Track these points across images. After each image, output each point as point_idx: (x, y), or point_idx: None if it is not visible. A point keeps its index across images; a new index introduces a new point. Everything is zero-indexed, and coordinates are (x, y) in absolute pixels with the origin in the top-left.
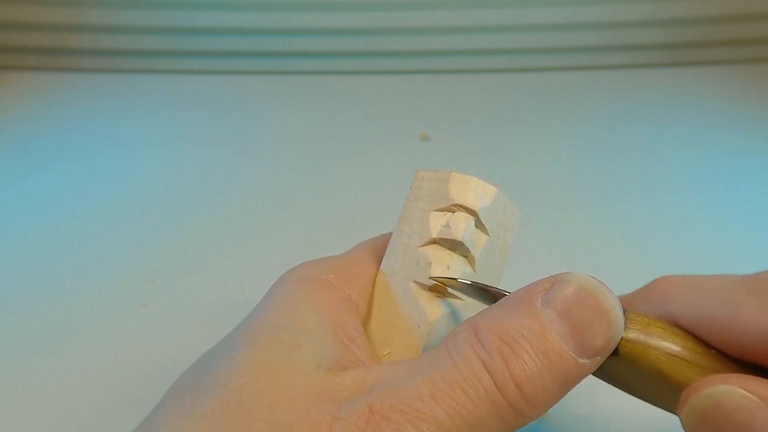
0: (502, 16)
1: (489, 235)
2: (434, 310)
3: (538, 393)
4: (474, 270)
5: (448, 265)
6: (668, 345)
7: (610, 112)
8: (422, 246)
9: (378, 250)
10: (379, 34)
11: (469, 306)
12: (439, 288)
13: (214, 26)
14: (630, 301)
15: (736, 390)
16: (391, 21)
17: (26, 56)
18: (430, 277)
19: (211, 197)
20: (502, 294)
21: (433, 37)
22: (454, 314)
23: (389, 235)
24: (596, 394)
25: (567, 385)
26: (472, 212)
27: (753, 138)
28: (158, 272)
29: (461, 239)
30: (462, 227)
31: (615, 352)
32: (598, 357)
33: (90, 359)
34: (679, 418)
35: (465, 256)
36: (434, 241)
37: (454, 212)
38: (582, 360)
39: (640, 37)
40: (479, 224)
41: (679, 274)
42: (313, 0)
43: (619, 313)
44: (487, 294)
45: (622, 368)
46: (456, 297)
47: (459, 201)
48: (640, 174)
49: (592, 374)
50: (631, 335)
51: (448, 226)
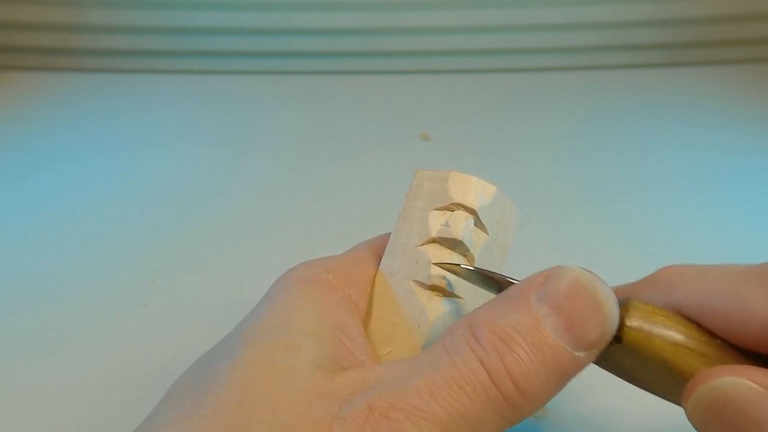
0: (502, 16)
1: (488, 234)
2: (434, 309)
3: (534, 388)
4: None
5: None
6: (672, 334)
7: (610, 112)
8: (422, 245)
9: (377, 249)
10: (379, 34)
11: (469, 304)
12: (439, 287)
13: (214, 26)
14: (635, 290)
15: (742, 381)
16: (391, 21)
17: (26, 56)
18: (434, 263)
19: (211, 197)
20: (507, 280)
21: (433, 37)
22: (454, 313)
23: (388, 235)
24: (596, 392)
25: (563, 379)
26: (471, 211)
27: (753, 138)
28: (158, 272)
29: (461, 238)
30: (461, 226)
31: (618, 341)
32: (594, 350)
33: (90, 359)
34: (684, 409)
35: (464, 255)
36: (434, 240)
37: (453, 211)
38: (577, 353)
39: (640, 37)
40: (478, 223)
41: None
42: (313, 0)
43: (613, 306)
44: (491, 281)
45: (626, 357)
46: (456, 296)
47: (458, 200)
48: (640, 174)
49: (597, 364)
50: (634, 323)
51: (447, 225)
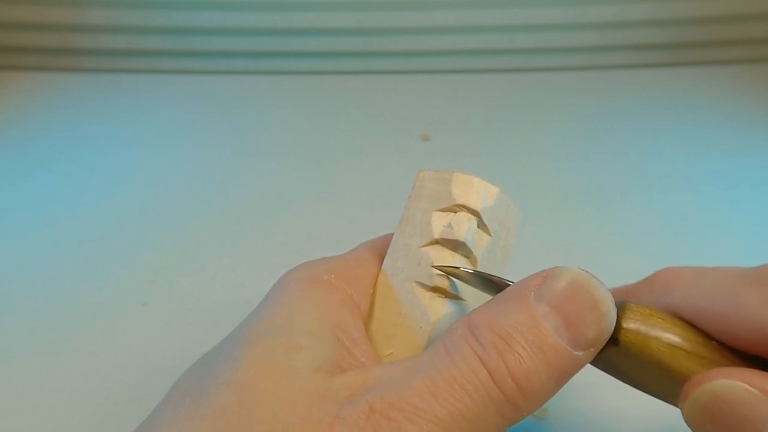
0: (502, 16)
1: (491, 236)
2: (436, 310)
3: (534, 386)
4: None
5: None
6: (668, 336)
7: (610, 112)
8: (424, 246)
9: (379, 250)
10: (379, 34)
11: (471, 306)
12: (441, 288)
13: (214, 26)
14: (633, 292)
15: (738, 384)
16: (391, 21)
17: (26, 56)
18: (433, 266)
19: (211, 197)
20: (505, 283)
21: (433, 37)
22: (456, 314)
23: (391, 236)
24: (596, 392)
25: (562, 377)
26: (474, 212)
27: (753, 138)
28: (158, 272)
29: (463, 240)
30: (464, 227)
31: (615, 343)
32: (592, 349)
33: (90, 359)
34: (681, 410)
35: (467, 257)
36: (436, 242)
37: (456, 212)
38: (576, 352)
39: (640, 37)
40: (481, 225)
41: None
42: (313, 0)
43: (611, 305)
44: (490, 284)
45: (623, 359)
46: (458, 297)
47: (461, 201)
48: (640, 174)
49: (595, 366)
50: (631, 326)
51: (450, 226)
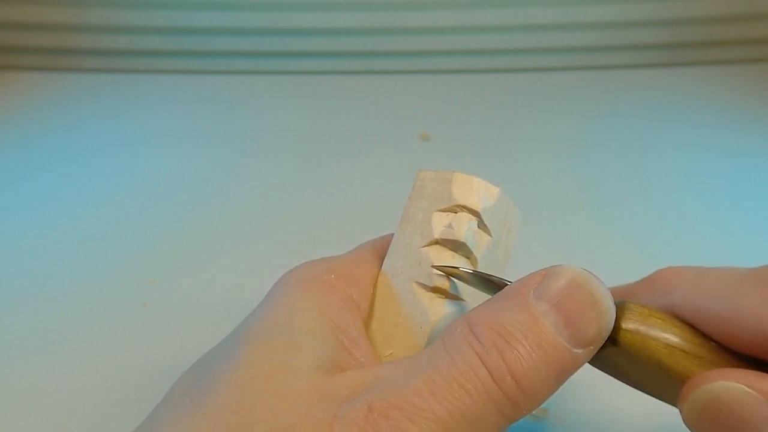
0: (502, 16)
1: (491, 236)
2: (436, 311)
3: (534, 384)
4: None
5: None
6: (667, 336)
7: (610, 112)
8: (424, 246)
9: (379, 250)
10: (379, 34)
11: (471, 306)
12: (441, 288)
13: (214, 26)
14: (633, 292)
15: (736, 385)
16: (391, 21)
17: (26, 56)
18: (433, 266)
19: (211, 197)
20: (505, 283)
21: (433, 37)
22: (456, 314)
23: (391, 236)
24: (596, 392)
25: (562, 375)
26: (474, 213)
27: (753, 138)
28: (158, 272)
29: (464, 240)
30: (464, 228)
31: (615, 343)
32: (591, 347)
33: (90, 359)
34: (680, 411)
35: (467, 257)
36: (436, 242)
37: (456, 212)
38: (576, 350)
39: (640, 37)
40: (482, 225)
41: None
42: (313, 0)
43: (610, 303)
44: (490, 284)
45: (622, 359)
46: (458, 297)
47: (462, 201)
48: (640, 174)
49: (594, 366)
50: (630, 326)
51: (450, 226)
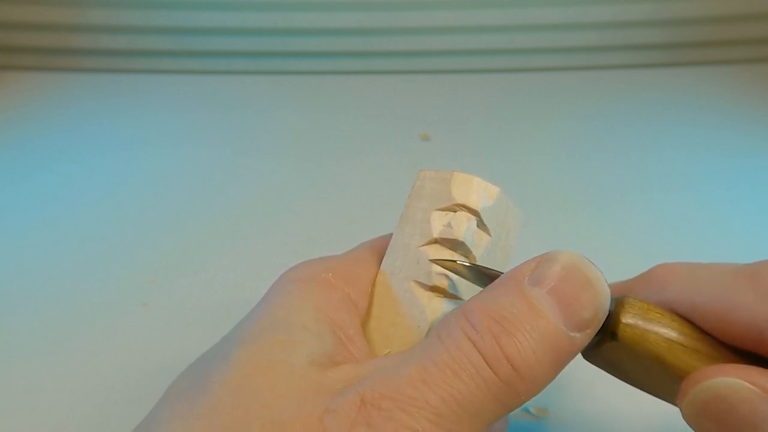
0: (502, 16)
1: (491, 236)
2: (435, 310)
3: (532, 369)
4: None
5: None
6: (666, 331)
7: (610, 112)
8: (423, 246)
9: (378, 250)
10: (379, 34)
11: None
12: (440, 287)
13: (214, 26)
14: (629, 288)
15: (737, 382)
16: (391, 21)
17: (26, 56)
18: (431, 260)
19: (211, 197)
20: None
21: (433, 37)
22: None
23: (390, 236)
24: (596, 392)
25: (559, 360)
26: (474, 212)
27: (753, 138)
28: (158, 272)
29: (462, 239)
30: (463, 227)
31: (614, 337)
32: (588, 330)
33: (90, 359)
34: (680, 408)
35: (466, 257)
36: (435, 241)
37: (455, 212)
38: (572, 333)
39: (640, 37)
40: (481, 224)
41: (678, 261)
42: (313, 0)
43: (604, 285)
44: (487, 279)
45: (622, 354)
46: (456, 297)
47: (461, 201)
48: (640, 174)
49: (593, 364)
50: (630, 320)
51: (449, 225)
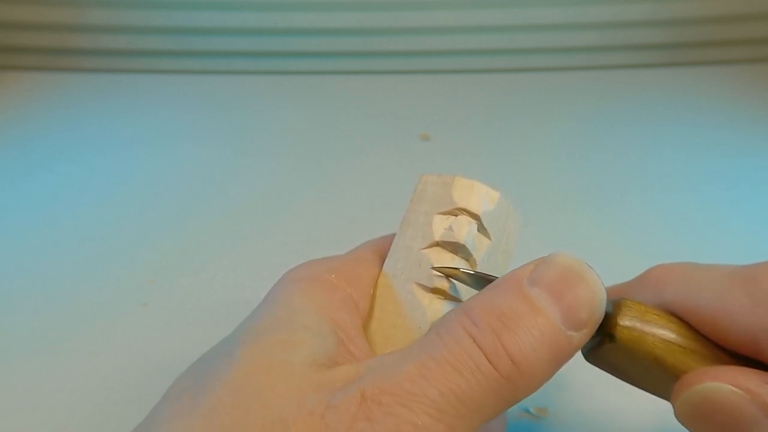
0: (502, 16)
1: (491, 240)
2: (436, 312)
3: (532, 364)
4: None
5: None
6: (664, 332)
7: (610, 112)
8: (425, 248)
9: (380, 250)
10: (379, 34)
11: None
12: (441, 289)
13: (214, 26)
14: (626, 290)
15: (723, 386)
16: (391, 21)
17: (26, 56)
18: (433, 268)
19: (211, 197)
20: None
21: (433, 37)
22: None
23: (392, 236)
24: (596, 392)
25: (558, 358)
26: (474, 216)
27: (753, 138)
28: (158, 272)
29: (463, 242)
30: (464, 231)
31: (612, 339)
32: (585, 330)
33: (90, 359)
34: (673, 408)
35: (467, 260)
36: (437, 244)
37: (457, 216)
38: (570, 333)
39: (640, 37)
40: (482, 228)
41: (675, 262)
42: (313, 0)
43: (600, 287)
44: (487, 284)
45: (620, 355)
46: (457, 299)
47: (462, 205)
48: (640, 174)
49: (593, 364)
50: (627, 322)
51: (450, 229)
